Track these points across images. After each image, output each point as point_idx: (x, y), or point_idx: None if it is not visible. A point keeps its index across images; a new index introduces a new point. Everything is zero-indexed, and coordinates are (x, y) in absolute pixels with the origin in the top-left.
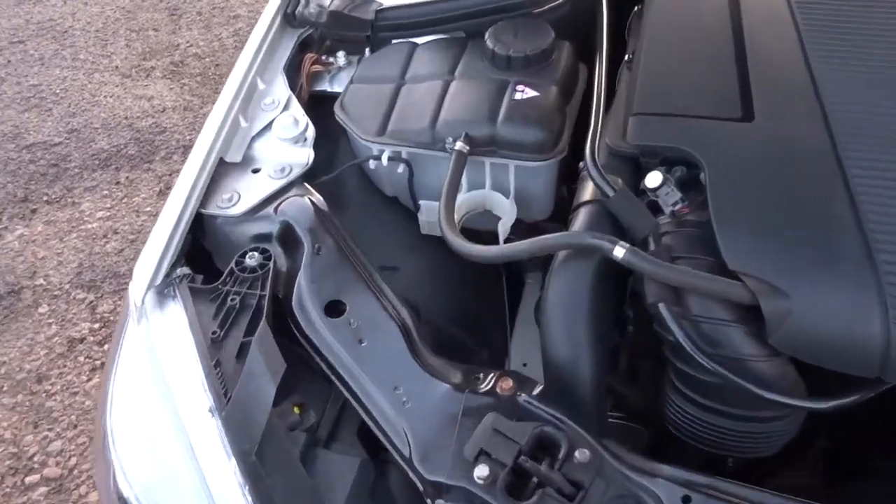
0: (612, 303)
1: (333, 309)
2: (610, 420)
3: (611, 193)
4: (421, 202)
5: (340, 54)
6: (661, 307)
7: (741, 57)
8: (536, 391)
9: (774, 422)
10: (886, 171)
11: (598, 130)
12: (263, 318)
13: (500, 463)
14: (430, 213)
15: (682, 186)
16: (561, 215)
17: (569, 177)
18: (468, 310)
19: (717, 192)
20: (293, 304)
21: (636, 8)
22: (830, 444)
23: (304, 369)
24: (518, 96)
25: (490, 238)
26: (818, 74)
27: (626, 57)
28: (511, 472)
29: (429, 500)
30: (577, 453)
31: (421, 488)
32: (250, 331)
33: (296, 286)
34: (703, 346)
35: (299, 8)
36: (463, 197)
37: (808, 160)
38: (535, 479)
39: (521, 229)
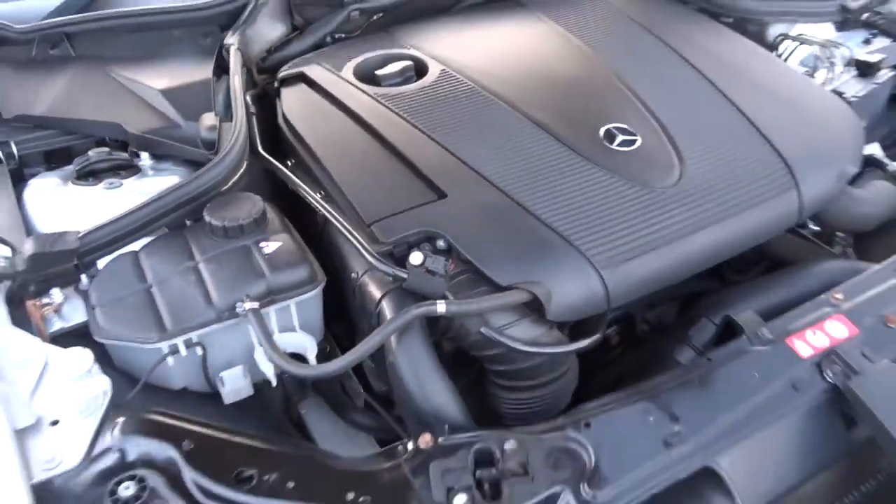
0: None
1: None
2: None
3: (405, 276)
4: (222, 374)
5: (54, 291)
6: (485, 331)
7: (406, 162)
8: (445, 431)
9: (566, 374)
10: (546, 196)
11: (360, 240)
12: None
13: (465, 487)
14: (233, 381)
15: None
16: None
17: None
18: None
19: (464, 246)
20: None
21: (289, 163)
22: None
23: None
24: (267, 251)
25: None
26: (462, 157)
27: (318, 195)
28: (478, 487)
29: None
30: (506, 445)
31: None
32: None
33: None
34: (518, 343)
35: None
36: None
37: (496, 205)
38: (489, 482)
39: None
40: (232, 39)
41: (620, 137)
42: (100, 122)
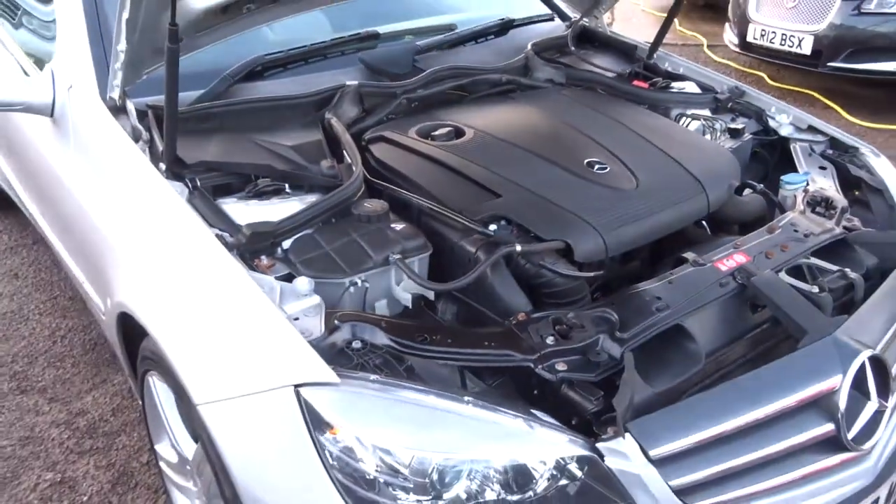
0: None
1: None
2: None
3: (491, 234)
4: (375, 304)
5: (263, 257)
6: (542, 263)
7: (466, 177)
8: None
9: (585, 297)
10: (556, 193)
11: (468, 218)
12: None
13: (549, 333)
14: (380, 309)
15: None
16: None
17: None
18: None
19: (520, 219)
20: None
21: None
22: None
23: None
24: (398, 228)
25: None
26: (497, 171)
27: None
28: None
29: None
30: (569, 315)
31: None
32: None
33: None
34: (556, 272)
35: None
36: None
37: (535, 201)
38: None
39: None
40: (329, 115)
41: (597, 165)
42: (257, 165)
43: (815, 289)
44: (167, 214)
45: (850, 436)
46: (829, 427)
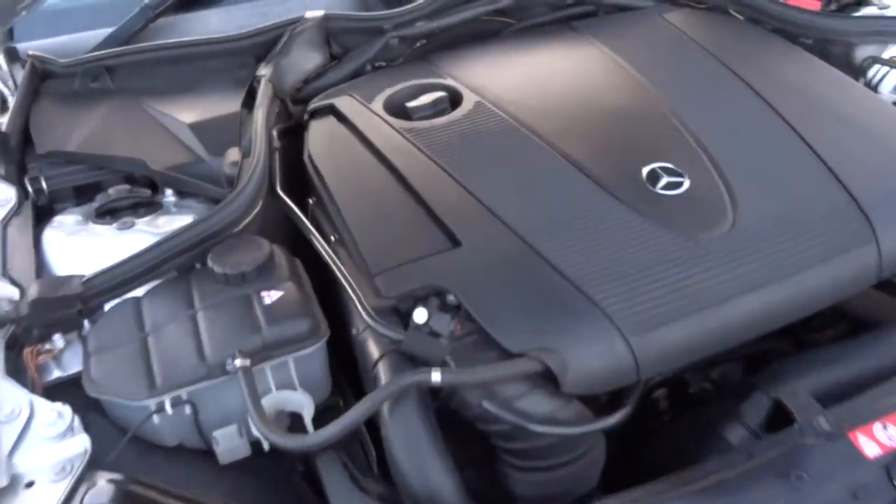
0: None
1: None
2: None
3: (402, 337)
4: (215, 434)
5: (56, 337)
6: (486, 405)
7: (424, 205)
8: None
9: (589, 453)
10: (570, 246)
11: (359, 297)
12: None
13: None
14: (227, 440)
15: (441, 311)
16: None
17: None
18: None
19: (473, 303)
20: None
21: (310, 202)
22: None
23: None
24: (268, 301)
25: None
26: (483, 199)
27: (332, 238)
28: None
29: None
30: None
31: None
32: None
33: None
34: (527, 419)
35: None
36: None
37: (514, 258)
38: None
39: None
40: (264, 70)
41: (665, 179)
42: (125, 158)
43: None
44: None
45: None
46: None
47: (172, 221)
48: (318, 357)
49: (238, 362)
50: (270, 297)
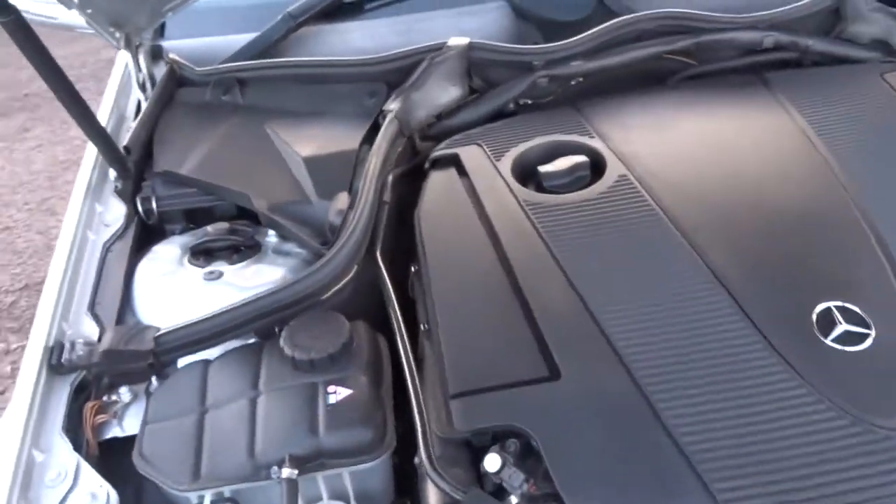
0: None
1: None
2: None
3: (460, 497)
4: None
5: (123, 390)
6: None
7: (528, 314)
8: None
9: None
10: (696, 405)
11: (426, 426)
12: None
13: None
14: None
15: (520, 458)
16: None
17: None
18: None
19: (555, 463)
20: None
21: (412, 269)
22: None
23: None
24: (332, 399)
25: None
26: (601, 320)
27: (422, 326)
28: None
29: None
30: None
31: None
32: None
33: None
34: None
35: (65, 355)
36: None
37: (621, 406)
38: None
39: None
40: (393, 105)
41: (842, 327)
42: (231, 191)
43: None
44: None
45: None
46: None
47: (265, 272)
48: (381, 471)
49: (285, 472)
50: (337, 395)
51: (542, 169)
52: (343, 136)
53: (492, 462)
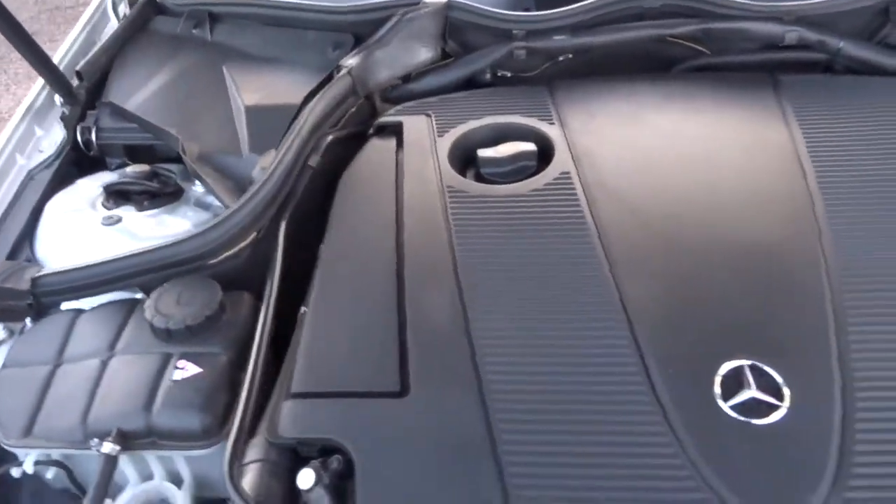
0: None
1: None
2: None
3: None
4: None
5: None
6: None
7: (403, 320)
8: None
9: None
10: (543, 454)
11: (243, 425)
12: None
13: None
14: None
15: (340, 478)
16: None
17: None
18: None
19: (365, 490)
20: None
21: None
22: None
23: None
24: (178, 376)
25: None
26: (477, 343)
27: (301, 310)
28: None
29: None
30: None
31: None
32: None
33: None
34: None
35: None
36: (132, 493)
37: (461, 443)
38: None
39: None
40: (352, 60)
41: (749, 393)
42: (165, 131)
43: None
44: None
45: None
46: None
47: (170, 224)
48: (219, 459)
49: (105, 446)
50: (185, 371)
51: (482, 153)
52: (294, 87)
53: (305, 479)
